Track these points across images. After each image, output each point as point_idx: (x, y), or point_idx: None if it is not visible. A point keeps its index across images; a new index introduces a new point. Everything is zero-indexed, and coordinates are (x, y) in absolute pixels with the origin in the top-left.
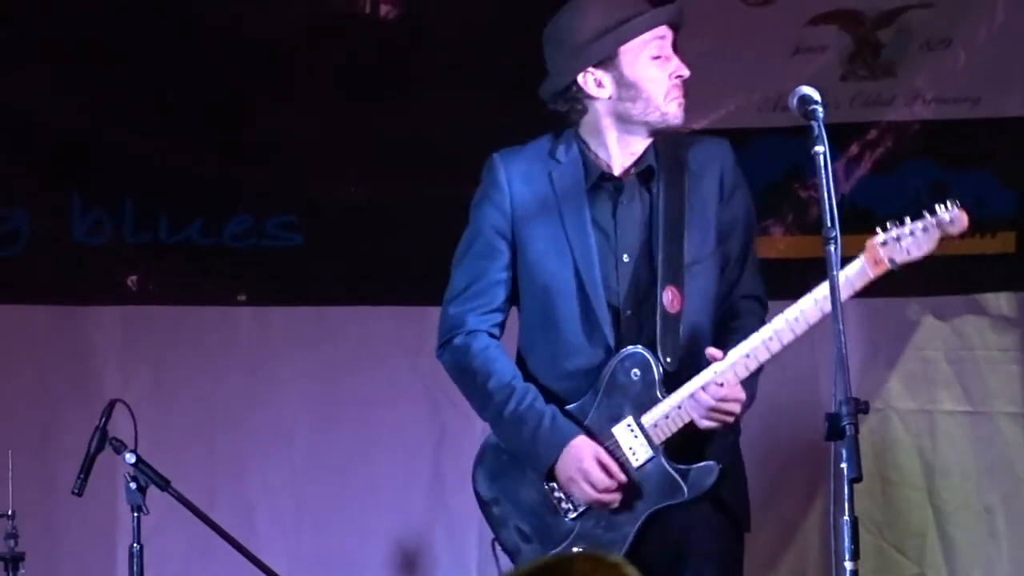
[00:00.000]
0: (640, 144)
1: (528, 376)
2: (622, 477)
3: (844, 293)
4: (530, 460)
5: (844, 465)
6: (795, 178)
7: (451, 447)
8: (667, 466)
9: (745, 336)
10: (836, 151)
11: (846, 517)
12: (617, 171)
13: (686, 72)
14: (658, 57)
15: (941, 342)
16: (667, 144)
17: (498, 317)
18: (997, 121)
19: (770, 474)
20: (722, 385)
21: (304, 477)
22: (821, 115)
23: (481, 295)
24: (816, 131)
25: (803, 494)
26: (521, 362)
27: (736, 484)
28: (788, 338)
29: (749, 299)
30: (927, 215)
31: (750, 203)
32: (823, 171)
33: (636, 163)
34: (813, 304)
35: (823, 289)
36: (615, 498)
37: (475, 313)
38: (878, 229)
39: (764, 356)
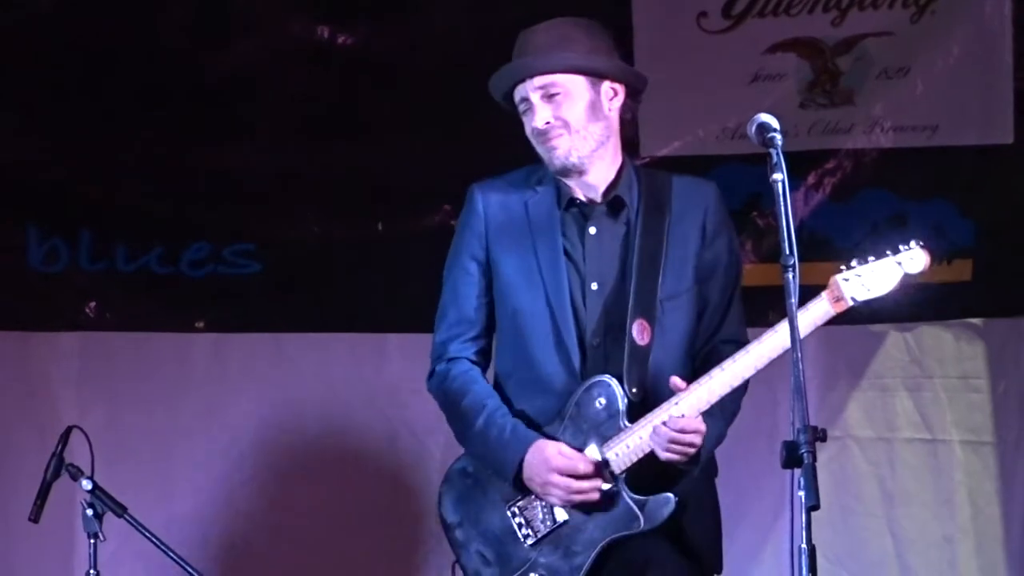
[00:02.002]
0: (597, 175)
1: (505, 401)
2: (588, 467)
3: (806, 329)
4: (496, 466)
5: (802, 493)
6: (754, 206)
7: (409, 479)
8: (626, 496)
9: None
10: (795, 179)
11: (803, 545)
12: (583, 198)
13: (540, 124)
14: (526, 112)
15: (900, 370)
16: (651, 180)
17: (480, 344)
18: (955, 149)
19: (729, 502)
20: (682, 416)
21: (259, 509)
22: (780, 143)
23: (460, 323)
24: (775, 159)
25: (762, 522)
26: (499, 387)
27: (703, 521)
28: (748, 372)
29: (731, 344)
30: (889, 253)
31: (735, 248)
32: (781, 199)
33: (605, 192)
34: (773, 339)
35: (784, 326)
36: (593, 487)
37: (457, 341)
38: (842, 267)
39: (724, 389)
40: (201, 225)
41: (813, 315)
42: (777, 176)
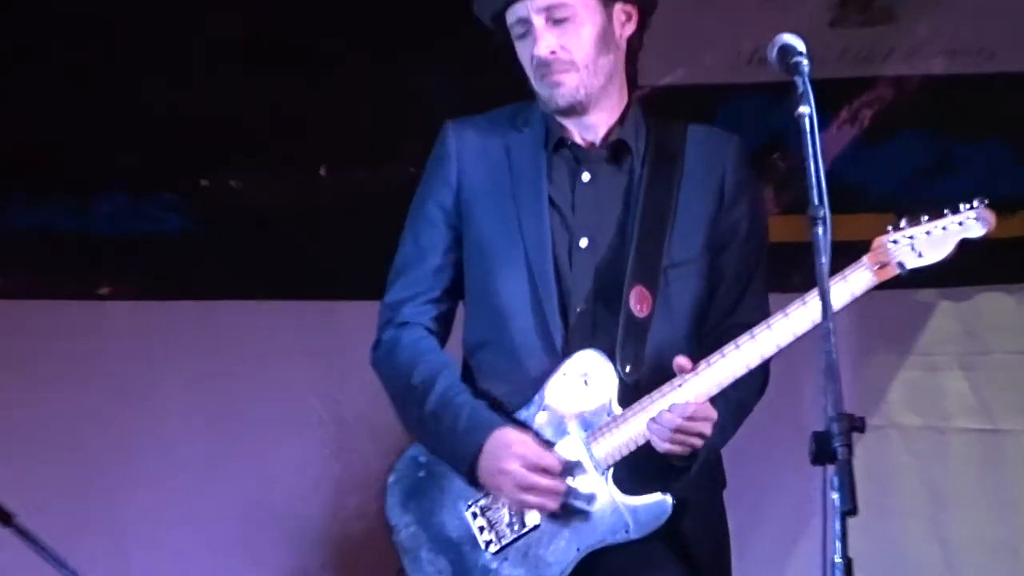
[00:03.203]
0: (599, 115)
1: (471, 381)
2: (555, 464)
3: (842, 301)
4: (449, 457)
5: (835, 495)
6: (775, 147)
7: (358, 468)
8: (613, 496)
9: (736, 380)
10: (824, 113)
11: (838, 558)
12: (579, 140)
13: (544, 52)
14: (523, 36)
15: (952, 344)
16: (662, 127)
17: (441, 308)
18: (1015, 79)
19: (746, 507)
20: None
21: (188, 502)
22: (806, 69)
23: (419, 281)
24: (800, 89)
25: (787, 531)
26: (466, 365)
27: (709, 537)
28: (769, 350)
29: (747, 329)
30: (948, 212)
31: (760, 215)
32: (809, 138)
33: (606, 136)
34: (803, 311)
35: (816, 299)
36: (553, 489)
37: (412, 303)
38: (888, 227)
39: (741, 369)
40: (114, 171)
41: (852, 285)
42: (804, 110)
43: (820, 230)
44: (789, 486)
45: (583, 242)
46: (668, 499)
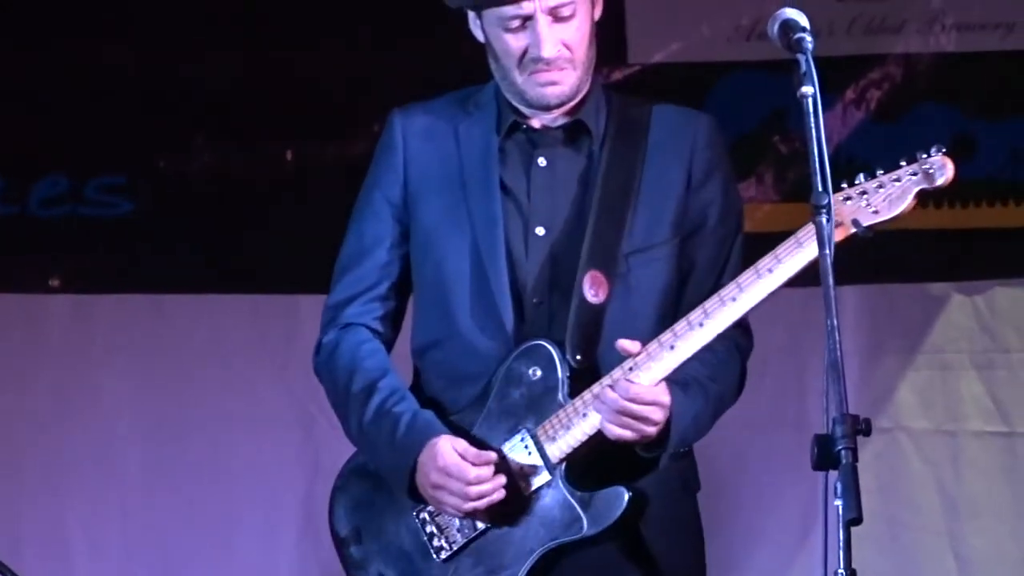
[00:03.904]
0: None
1: (420, 385)
2: (491, 456)
3: (797, 265)
4: (389, 476)
5: (839, 502)
6: (776, 128)
7: (328, 479)
8: (565, 492)
9: (714, 371)
10: (830, 93)
11: (841, 570)
12: (534, 124)
13: (552, 52)
14: (516, 30)
15: (967, 342)
16: (624, 105)
17: (388, 306)
18: None
19: (744, 514)
20: (634, 383)
21: (137, 516)
22: (810, 46)
23: (362, 280)
24: (804, 67)
25: (787, 540)
26: (417, 366)
27: (682, 546)
28: (724, 322)
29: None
30: (903, 163)
31: (734, 195)
32: (812, 120)
33: (563, 116)
34: (755, 277)
35: (767, 259)
36: (493, 488)
37: (356, 303)
38: (843, 183)
39: (694, 345)
40: (55, 150)
41: (807, 251)
42: (807, 89)
43: (823, 219)
44: (794, 493)
45: (539, 230)
46: (623, 489)
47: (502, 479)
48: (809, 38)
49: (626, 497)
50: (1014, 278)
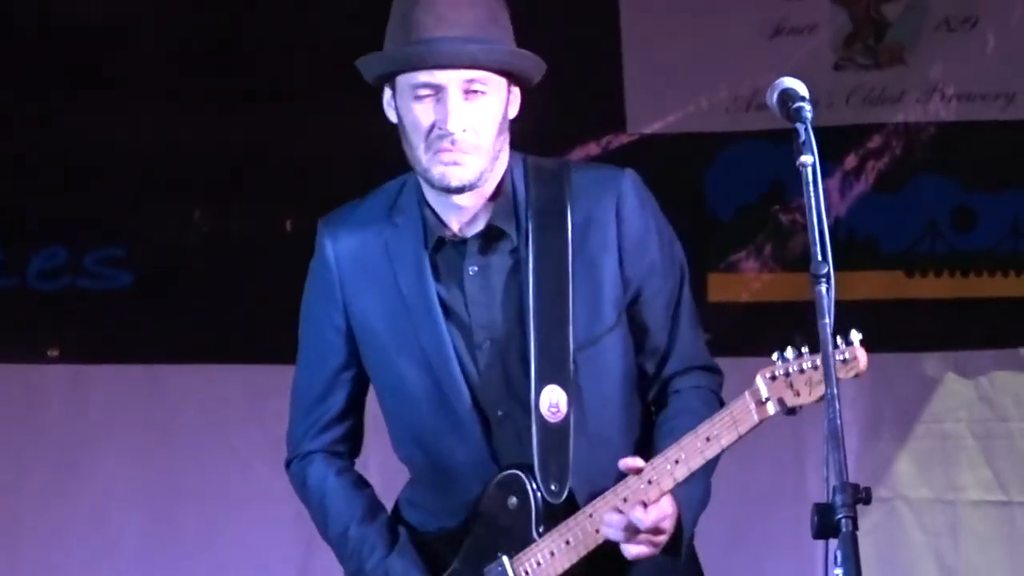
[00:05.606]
0: (476, 193)
1: (416, 502)
2: None
3: (727, 437)
4: None
5: (839, 571)
6: (776, 198)
7: (322, 553)
8: None
9: (683, 428)
10: (829, 162)
11: None
12: (456, 228)
13: (456, 128)
14: (423, 99)
15: (965, 411)
16: (543, 179)
17: (345, 426)
18: None
19: None
20: (646, 506)
21: None
22: (809, 115)
23: (313, 409)
24: (803, 136)
25: None
26: (411, 482)
27: None
28: (729, 439)
29: (689, 373)
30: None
31: (670, 245)
32: (812, 189)
33: (471, 221)
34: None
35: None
36: None
37: (310, 434)
38: (776, 358)
39: (698, 461)
40: (54, 222)
41: (738, 424)
42: (806, 158)
43: (823, 288)
44: (792, 561)
45: (485, 344)
46: None
47: None
48: (808, 107)
49: None
50: (1010, 347)
